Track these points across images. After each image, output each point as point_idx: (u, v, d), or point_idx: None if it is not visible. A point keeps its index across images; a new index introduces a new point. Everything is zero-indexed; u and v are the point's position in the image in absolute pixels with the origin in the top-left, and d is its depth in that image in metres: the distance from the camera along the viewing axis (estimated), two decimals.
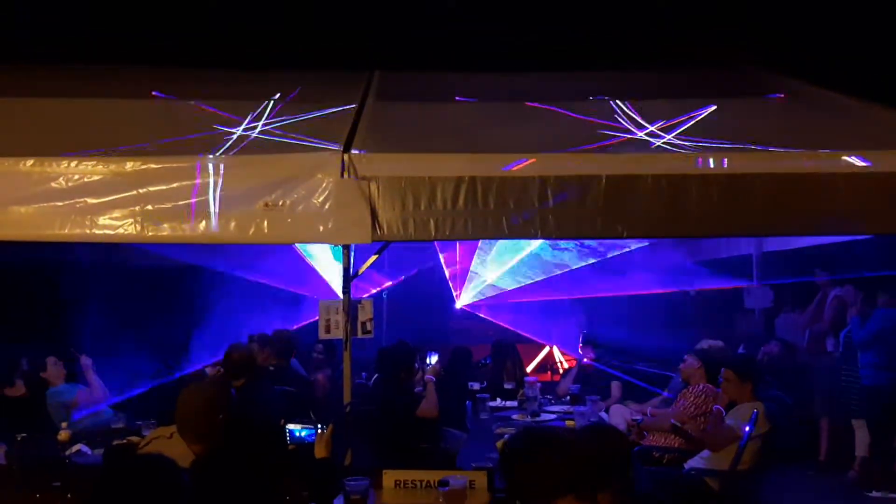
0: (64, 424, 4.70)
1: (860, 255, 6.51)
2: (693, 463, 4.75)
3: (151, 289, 7.61)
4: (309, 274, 7.81)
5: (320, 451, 3.09)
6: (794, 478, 6.31)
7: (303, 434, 3.16)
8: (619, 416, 5.62)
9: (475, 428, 5.69)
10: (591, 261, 7.73)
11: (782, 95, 5.29)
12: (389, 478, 3.45)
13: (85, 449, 4.50)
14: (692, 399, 5.08)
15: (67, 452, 4.44)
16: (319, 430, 3.13)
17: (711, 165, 3.91)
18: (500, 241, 7.65)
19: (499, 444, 4.34)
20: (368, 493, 3.00)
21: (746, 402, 4.64)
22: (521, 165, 3.86)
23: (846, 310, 6.75)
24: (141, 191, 3.76)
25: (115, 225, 3.78)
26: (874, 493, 6.18)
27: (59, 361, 5.54)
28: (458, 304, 10.31)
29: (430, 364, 5.84)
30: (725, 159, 3.96)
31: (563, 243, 7.64)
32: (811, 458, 6.92)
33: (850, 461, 6.62)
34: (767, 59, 6.20)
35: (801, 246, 7.18)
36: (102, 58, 6.36)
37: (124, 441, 4.59)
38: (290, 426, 3.17)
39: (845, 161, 3.91)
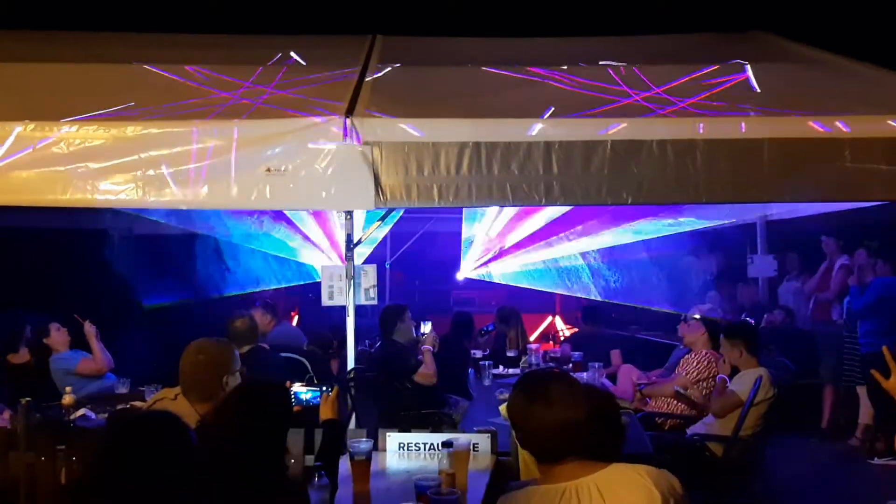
0: (68, 389, 4.72)
1: (866, 223, 6.49)
2: (696, 429, 4.77)
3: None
4: None
5: (325, 413, 3.09)
6: (797, 444, 6.34)
7: (308, 396, 3.17)
8: (627, 377, 5.63)
9: (478, 394, 5.71)
10: None
11: (789, 59, 5.24)
12: (393, 440, 3.47)
13: (89, 413, 4.52)
14: (695, 364, 5.09)
15: (72, 417, 4.46)
16: (324, 393, 3.14)
17: (718, 130, 3.88)
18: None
19: (501, 408, 4.35)
20: (372, 455, 3.01)
21: (746, 367, 4.65)
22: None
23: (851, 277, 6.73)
24: (142, 156, 3.74)
25: (117, 190, 3.75)
26: (876, 461, 6.21)
27: (63, 328, 5.55)
28: (461, 275, 10.29)
29: (426, 333, 5.85)
30: (731, 124, 3.92)
31: None
32: (814, 425, 6.94)
33: (853, 429, 6.65)
34: (774, 22, 6.12)
35: (806, 214, 7.16)
36: (97, 23, 6.31)
37: (128, 405, 4.62)
38: (296, 388, 3.17)
39: (853, 126, 3.88)
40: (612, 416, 2.30)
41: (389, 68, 4.97)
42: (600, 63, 5.25)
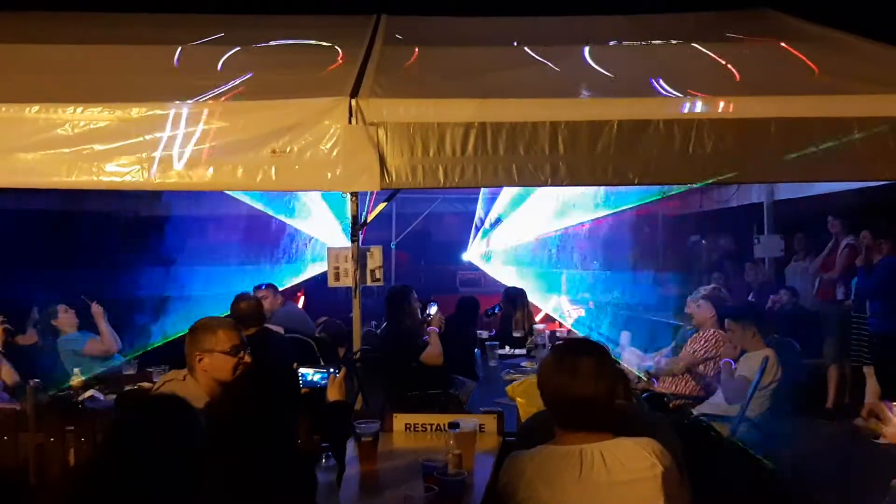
0: (76, 371, 4.74)
1: (874, 202, 6.45)
2: (702, 409, 4.78)
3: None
4: None
5: (333, 394, 3.10)
6: (802, 424, 6.34)
7: (315, 378, 3.17)
8: (633, 359, 5.63)
9: (484, 375, 5.72)
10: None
11: (797, 37, 5.19)
12: (400, 421, 3.47)
13: (97, 395, 4.55)
14: (702, 343, 5.09)
15: (80, 398, 4.49)
16: (332, 374, 3.14)
17: (725, 109, 3.86)
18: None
19: (508, 389, 4.37)
20: (379, 436, 3.02)
21: (755, 349, 4.65)
22: None
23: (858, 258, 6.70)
24: (147, 137, 3.75)
25: (122, 172, 3.76)
26: (881, 440, 6.21)
27: (70, 309, 5.56)
28: (466, 257, 10.27)
29: (432, 315, 5.85)
30: (739, 103, 3.90)
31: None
32: (819, 404, 6.95)
33: (858, 408, 6.65)
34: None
35: (813, 193, 7.13)
36: (102, 4, 6.28)
37: (136, 386, 4.64)
38: (303, 370, 3.18)
39: (860, 104, 3.85)
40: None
41: (394, 48, 4.95)
42: (608, 42, 5.23)
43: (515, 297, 7.11)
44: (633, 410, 2.83)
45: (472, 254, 9.95)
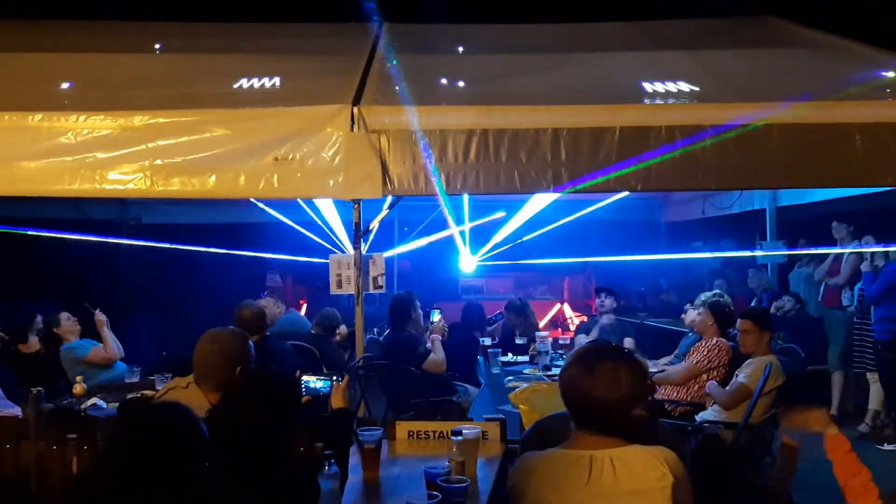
0: (79, 378, 4.74)
1: (878, 209, 6.44)
2: (705, 415, 4.77)
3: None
4: None
5: (336, 402, 3.11)
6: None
7: (318, 385, 3.17)
8: None
9: (487, 382, 5.71)
10: None
11: (799, 44, 5.20)
12: (403, 429, 3.47)
13: (100, 402, 4.54)
14: (706, 353, 5.06)
15: (83, 406, 4.48)
16: (335, 382, 3.14)
17: (727, 116, 3.86)
18: None
19: (511, 396, 4.36)
20: (382, 443, 3.02)
21: (762, 354, 4.63)
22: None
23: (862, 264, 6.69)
24: (150, 145, 3.75)
25: (125, 180, 3.76)
26: (886, 447, 6.20)
27: (73, 317, 5.56)
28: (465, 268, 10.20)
29: (434, 322, 5.84)
30: (740, 109, 3.90)
31: None
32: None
33: (862, 414, 6.63)
34: (783, 6, 6.07)
35: (817, 200, 7.13)
36: (104, 13, 6.31)
37: (138, 394, 4.64)
38: (306, 378, 3.18)
39: (863, 111, 3.85)
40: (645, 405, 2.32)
41: (396, 55, 4.96)
42: (610, 49, 5.23)
43: (521, 310, 7.10)
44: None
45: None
